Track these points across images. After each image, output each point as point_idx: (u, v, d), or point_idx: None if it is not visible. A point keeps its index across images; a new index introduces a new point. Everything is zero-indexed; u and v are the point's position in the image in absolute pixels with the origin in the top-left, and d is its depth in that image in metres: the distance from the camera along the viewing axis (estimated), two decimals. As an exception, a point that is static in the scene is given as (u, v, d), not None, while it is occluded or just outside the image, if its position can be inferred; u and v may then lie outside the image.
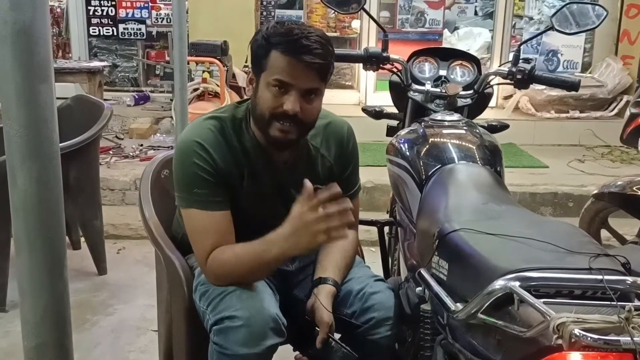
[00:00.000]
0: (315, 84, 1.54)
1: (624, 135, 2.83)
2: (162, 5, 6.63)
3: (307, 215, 1.42)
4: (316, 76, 1.53)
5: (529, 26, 6.59)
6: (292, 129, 1.55)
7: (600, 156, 5.28)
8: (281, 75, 1.51)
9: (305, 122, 1.57)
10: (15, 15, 1.00)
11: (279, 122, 1.54)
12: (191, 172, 1.59)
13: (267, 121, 1.56)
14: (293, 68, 1.50)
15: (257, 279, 1.60)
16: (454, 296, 1.31)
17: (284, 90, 1.52)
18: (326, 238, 1.44)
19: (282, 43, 1.50)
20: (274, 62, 1.51)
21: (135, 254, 3.59)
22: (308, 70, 1.50)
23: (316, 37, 1.51)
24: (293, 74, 1.50)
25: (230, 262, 1.56)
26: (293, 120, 1.54)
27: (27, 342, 1.15)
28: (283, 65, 1.50)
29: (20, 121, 1.04)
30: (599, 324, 0.98)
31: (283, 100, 1.52)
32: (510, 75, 2.14)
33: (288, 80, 1.51)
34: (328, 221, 1.42)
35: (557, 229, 1.41)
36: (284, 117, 1.53)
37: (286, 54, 1.49)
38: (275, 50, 1.50)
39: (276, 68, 1.51)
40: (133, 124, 5.58)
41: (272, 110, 1.54)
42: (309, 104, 1.55)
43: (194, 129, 1.64)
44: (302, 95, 1.53)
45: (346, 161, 1.79)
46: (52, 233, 1.11)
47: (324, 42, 1.53)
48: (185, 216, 1.64)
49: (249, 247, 1.54)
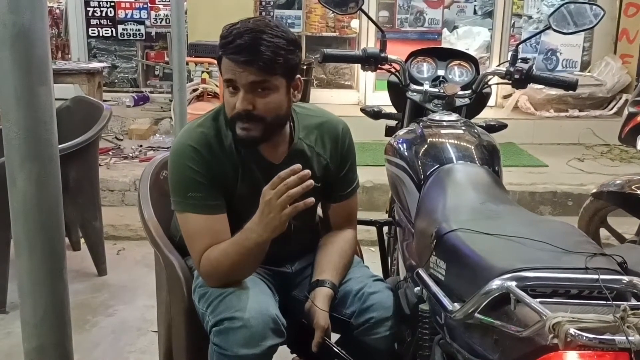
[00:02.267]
0: (259, 77, 1.53)
1: (622, 134, 2.83)
2: (161, 6, 6.64)
3: (269, 194, 1.47)
4: (259, 70, 1.52)
5: (528, 25, 6.59)
6: (252, 126, 1.57)
7: (599, 155, 5.28)
8: (226, 75, 1.55)
9: (266, 116, 1.57)
10: (13, 17, 1.01)
11: (240, 122, 1.57)
12: (186, 176, 1.60)
13: (231, 123, 1.59)
14: (233, 67, 1.53)
15: (246, 271, 1.62)
16: (451, 296, 1.31)
17: (234, 91, 1.56)
18: (291, 209, 1.46)
19: (222, 46, 1.55)
20: (223, 66, 1.56)
21: (135, 254, 3.59)
22: (246, 66, 1.52)
23: (254, 33, 1.51)
24: (234, 72, 1.53)
25: (219, 259, 1.58)
26: (250, 118, 1.56)
27: (27, 343, 1.15)
28: (227, 67, 1.54)
29: (20, 123, 1.05)
30: (594, 323, 0.98)
31: (236, 100, 1.56)
32: (508, 75, 2.14)
33: (231, 78, 1.54)
34: (289, 193, 1.45)
35: (554, 228, 1.42)
36: (240, 117, 1.56)
37: (225, 56, 1.54)
38: (221, 54, 1.56)
39: (224, 70, 1.56)
40: (132, 124, 5.58)
41: (231, 112, 1.58)
42: (262, 98, 1.55)
43: (187, 133, 1.66)
44: (250, 91, 1.54)
45: (342, 160, 1.79)
46: (52, 234, 1.12)
47: (264, 37, 1.51)
48: (181, 220, 1.65)
49: (231, 240, 1.58)
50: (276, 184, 1.46)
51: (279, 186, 1.45)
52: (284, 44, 1.53)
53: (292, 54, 1.55)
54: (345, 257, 1.77)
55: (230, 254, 1.57)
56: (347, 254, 1.79)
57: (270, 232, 1.50)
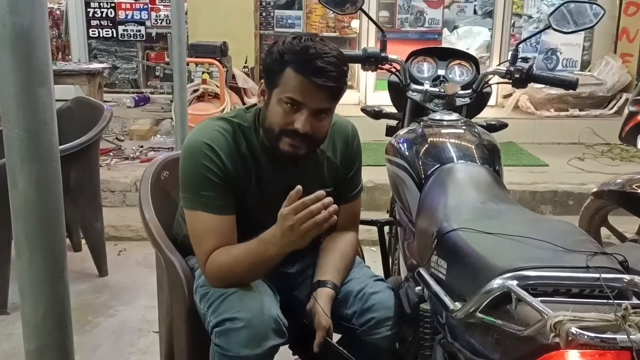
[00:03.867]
0: (327, 104, 1.55)
1: (623, 133, 2.83)
2: (162, 7, 6.64)
3: (290, 219, 1.45)
4: (329, 97, 1.53)
5: (528, 25, 6.59)
6: (301, 144, 1.56)
7: (600, 154, 5.27)
8: (294, 94, 1.51)
9: (315, 138, 1.59)
10: (14, 18, 1.01)
11: (289, 138, 1.55)
12: (199, 174, 1.59)
13: (277, 136, 1.57)
14: (306, 88, 1.50)
15: (256, 278, 1.62)
16: (452, 295, 1.31)
17: (295, 108, 1.52)
18: (316, 231, 1.46)
19: (296, 62, 1.49)
20: (288, 80, 1.51)
21: (136, 255, 3.59)
22: (321, 92, 1.50)
23: (332, 57, 1.50)
24: (306, 94, 1.50)
25: (229, 264, 1.57)
26: (302, 138, 1.55)
27: (28, 344, 1.15)
28: (296, 84, 1.50)
29: (20, 124, 1.05)
30: (595, 322, 0.98)
31: (294, 119, 1.53)
32: (508, 75, 2.14)
33: (300, 100, 1.51)
34: (315, 220, 1.44)
35: (555, 227, 1.42)
36: (293, 134, 1.54)
37: (300, 74, 1.49)
38: (289, 67, 1.50)
39: (289, 86, 1.51)
40: (133, 125, 5.59)
41: (282, 127, 1.55)
42: (319, 122, 1.56)
43: (203, 130, 1.64)
44: (313, 114, 1.53)
45: (351, 161, 1.79)
46: (52, 235, 1.12)
47: (339, 62, 1.52)
48: (189, 217, 1.64)
49: (246, 248, 1.56)
50: (299, 209, 1.43)
51: (303, 213, 1.43)
52: (345, 70, 1.55)
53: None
54: (346, 259, 1.77)
55: (244, 263, 1.56)
56: (349, 256, 1.78)
57: (293, 248, 1.51)
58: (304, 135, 1.54)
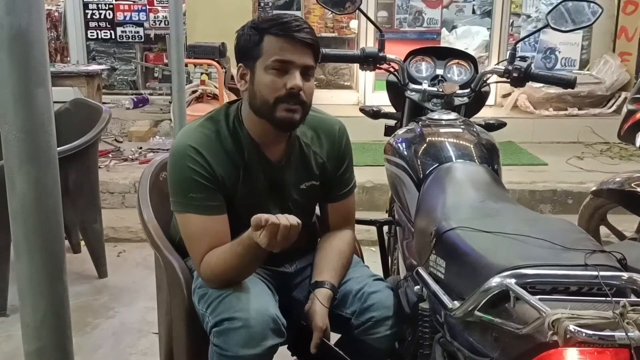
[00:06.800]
0: (311, 61, 1.58)
1: (621, 131, 2.82)
2: (160, 8, 6.63)
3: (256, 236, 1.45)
4: (311, 54, 1.57)
5: (526, 24, 6.60)
6: (297, 108, 1.58)
7: (599, 153, 5.27)
8: (279, 55, 1.54)
9: (307, 102, 1.60)
10: (11, 19, 1.01)
11: (284, 103, 1.56)
12: (186, 177, 1.60)
13: (272, 105, 1.57)
14: (290, 45, 1.54)
15: (249, 274, 1.62)
16: (451, 294, 1.31)
17: (284, 70, 1.55)
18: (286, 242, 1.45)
19: (274, 26, 1.54)
20: (270, 45, 1.54)
21: (135, 256, 3.59)
22: (304, 47, 1.55)
23: (302, 20, 1.59)
24: (291, 51, 1.54)
25: (219, 266, 1.58)
26: (297, 100, 1.56)
27: (27, 346, 1.15)
28: (280, 45, 1.54)
29: (18, 125, 1.05)
30: (593, 319, 0.98)
31: (285, 80, 1.54)
32: (506, 74, 2.14)
33: (288, 58, 1.54)
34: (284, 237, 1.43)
35: (553, 225, 1.42)
36: (289, 97, 1.55)
37: (281, 36, 1.54)
38: (268, 34, 1.55)
39: (273, 50, 1.54)
40: (132, 126, 5.58)
41: (276, 93, 1.55)
42: (307, 83, 1.58)
43: (187, 133, 1.65)
44: (302, 73, 1.55)
45: (339, 160, 1.79)
46: (51, 237, 1.12)
47: (309, 25, 1.60)
48: (181, 221, 1.65)
49: (230, 249, 1.56)
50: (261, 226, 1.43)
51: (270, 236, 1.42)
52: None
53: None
54: (343, 258, 1.76)
55: (231, 261, 1.56)
56: (346, 255, 1.78)
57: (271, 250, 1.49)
58: (298, 97, 1.55)
